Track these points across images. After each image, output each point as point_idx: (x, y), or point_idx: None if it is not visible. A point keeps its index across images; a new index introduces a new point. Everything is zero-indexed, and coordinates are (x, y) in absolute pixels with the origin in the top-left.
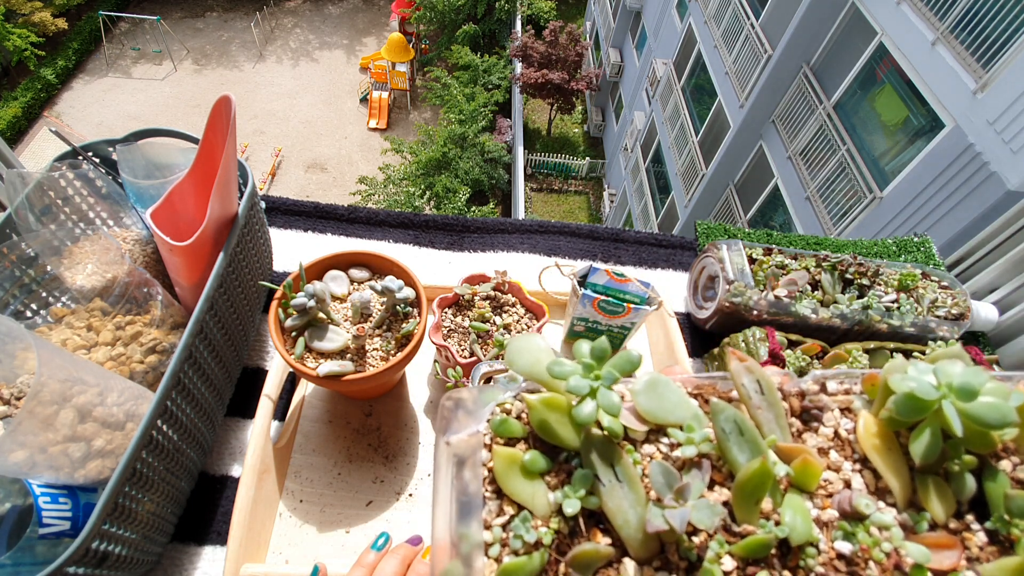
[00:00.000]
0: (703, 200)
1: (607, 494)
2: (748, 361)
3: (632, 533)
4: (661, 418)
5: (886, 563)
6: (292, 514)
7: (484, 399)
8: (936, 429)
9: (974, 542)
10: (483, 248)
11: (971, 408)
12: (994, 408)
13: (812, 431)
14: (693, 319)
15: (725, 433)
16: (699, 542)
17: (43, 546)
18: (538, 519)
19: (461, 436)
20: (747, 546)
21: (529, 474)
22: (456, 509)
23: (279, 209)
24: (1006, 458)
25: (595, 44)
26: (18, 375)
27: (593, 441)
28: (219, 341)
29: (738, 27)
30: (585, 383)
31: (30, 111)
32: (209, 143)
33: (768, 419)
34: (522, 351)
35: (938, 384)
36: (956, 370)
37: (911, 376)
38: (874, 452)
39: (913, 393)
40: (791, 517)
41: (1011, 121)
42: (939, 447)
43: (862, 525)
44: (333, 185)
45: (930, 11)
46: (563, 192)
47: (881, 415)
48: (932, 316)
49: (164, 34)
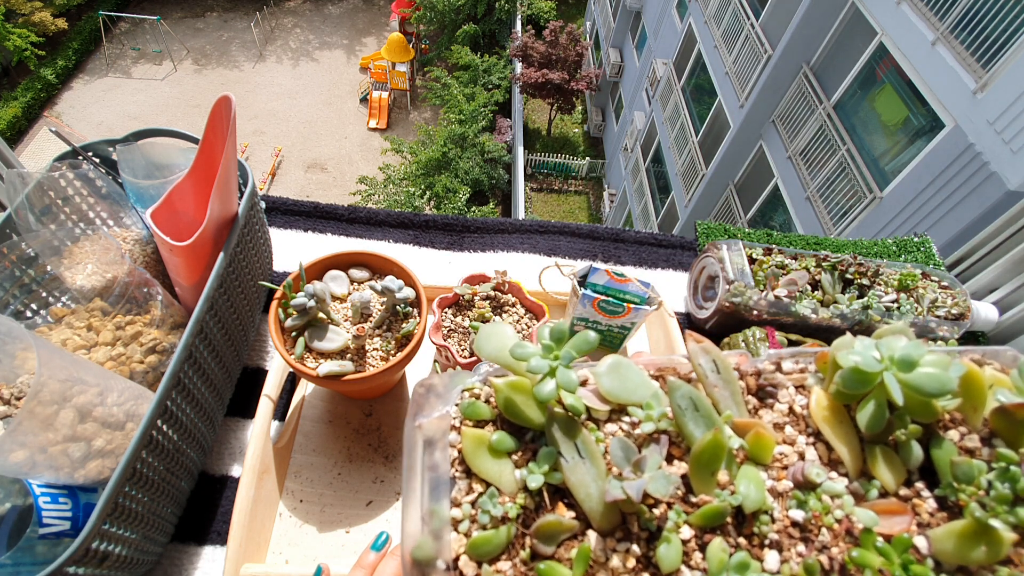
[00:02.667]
0: (703, 200)
1: (570, 470)
2: (704, 342)
3: (594, 506)
4: (623, 398)
5: (837, 528)
6: (292, 514)
7: (453, 383)
8: (881, 400)
9: (924, 508)
10: (483, 248)
11: (911, 378)
12: (933, 378)
13: (768, 408)
14: (693, 319)
15: (681, 409)
16: (659, 513)
17: (43, 546)
18: (505, 496)
19: (431, 418)
20: (703, 514)
21: (496, 453)
22: (427, 488)
23: (279, 209)
24: (953, 428)
25: (595, 44)
26: (18, 375)
27: (556, 419)
28: (219, 341)
29: (738, 27)
30: (545, 363)
31: (30, 111)
32: (209, 143)
33: (724, 396)
34: (489, 337)
35: (881, 358)
36: (898, 344)
37: (856, 351)
38: (825, 425)
39: (857, 367)
40: (745, 487)
41: (1011, 121)
42: (884, 417)
43: (814, 494)
44: (333, 185)
45: (930, 11)
46: (563, 192)
47: (830, 389)
48: (932, 316)
49: (164, 34)
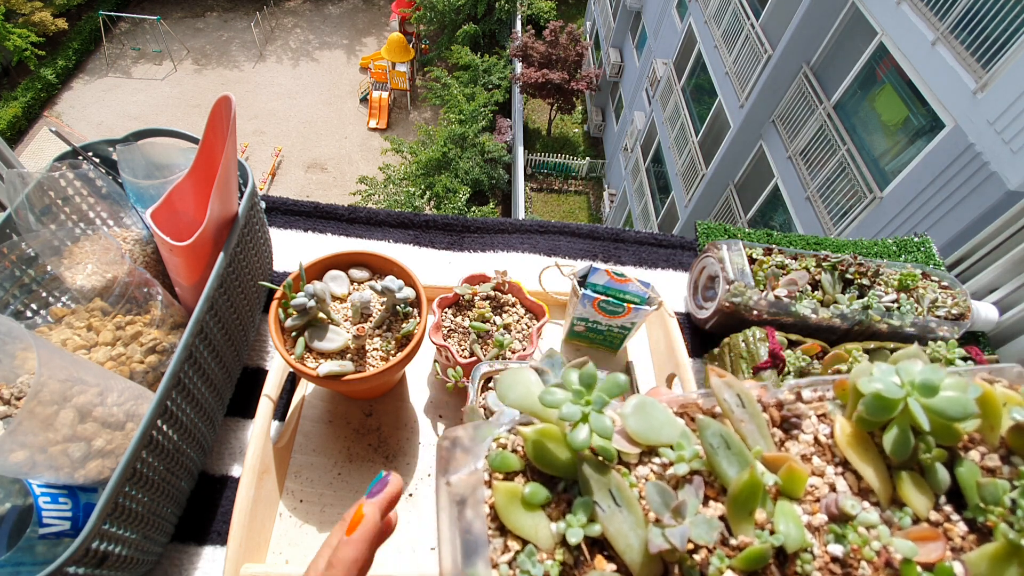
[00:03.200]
0: (703, 200)
1: (607, 520)
2: (727, 376)
3: (635, 557)
4: (652, 438)
5: (877, 561)
6: (292, 514)
7: (480, 435)
8: (905, 426)
9: (955, 532)
10: (483, 248)
11: (934, 403)
12: (955, 402)
13: (794, 439)
14: (693, 319)
15: (713, 448)
16: (700, 559)
17: (43, 546)
18: (543, 552)
19: (461, 475)
20: (747, 558)
21: (530, 507)
22: (461, 550)
23: (279, 209)
24: (973, 448)
25: (595, 44)
26: (18, 375)
27: (589, 466)
28: (219, 341)
29: (738, 27)
30: (577, 409)
31: (30, 111)
32: (209, 143)
33: (751, 431)
34: (512, 385)
35: (902, 383)
36: (917, 368)
37: (877, 377)
38: (852, 453)
39: (880, 394)
40: (785, 525)
41: (1011, 121)
42: (910, 443)
43: (850, 526)
44: (333, 185)
45: (930, 11)
46: (563, 192)
47: (854, 417)
48: (932, 316)
49: (164, 34)
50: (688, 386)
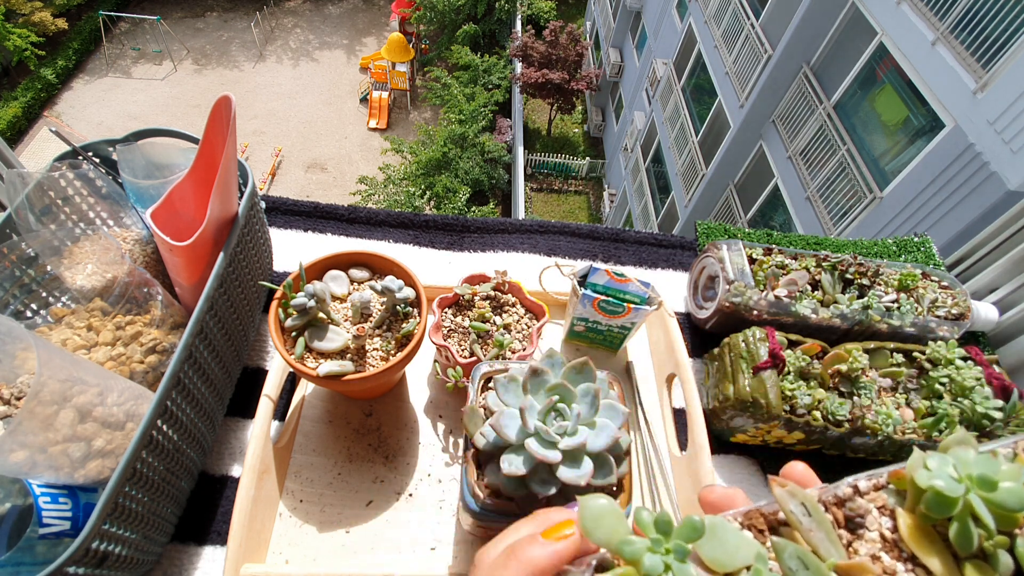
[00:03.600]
0: (703, 200)
1: None
2: (789, 485)
3: None
4: (729, 565)
5: None
6: (292, 514)
7: None
8: (966, 519)
9: None
10: (483, 248)
11: (995, 497)
12: (1014, 493)
13: (860, 539)
14: (693, 319)
15: (792, 571)
16: None
17: (43, 546)
18: None
19: None
20: None
21: None
22: None
23: (279, 209)
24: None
25: (595, 44)
26: (18, 375)
27: None
28: (219, 341)
29: (738, 27)
30: (658, 559)
31: (30, 111)
32: (209, 143)
33: (820, 539)
34: (600, 520)
35: (959, 477)
36: (970, 457)
37: (934, 473)
38: (919, 549)
39: (940, 491)
40: None
41: (1011, 121)
42: (973, 536)
43: None
44: (333, 185)
45: (930, 11)
46: (563, 192)
47: (917, 512)
48: (932, 316)
49: (164, 34)
50: (688, 386)
